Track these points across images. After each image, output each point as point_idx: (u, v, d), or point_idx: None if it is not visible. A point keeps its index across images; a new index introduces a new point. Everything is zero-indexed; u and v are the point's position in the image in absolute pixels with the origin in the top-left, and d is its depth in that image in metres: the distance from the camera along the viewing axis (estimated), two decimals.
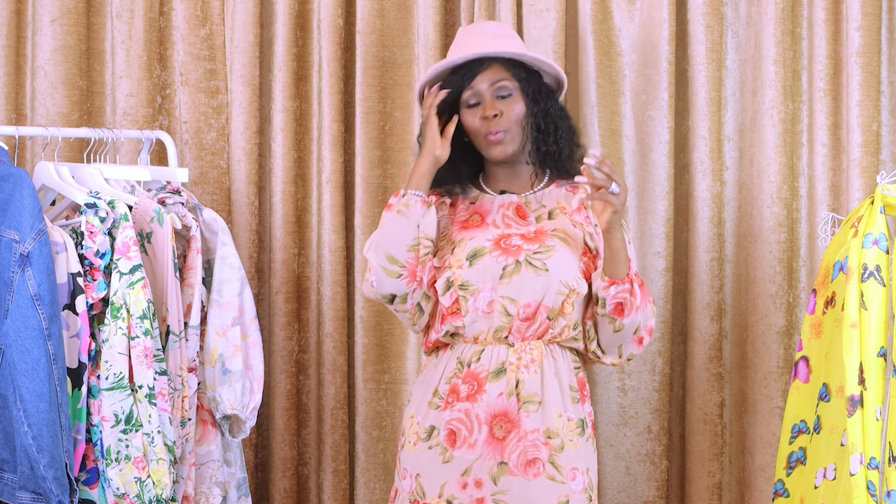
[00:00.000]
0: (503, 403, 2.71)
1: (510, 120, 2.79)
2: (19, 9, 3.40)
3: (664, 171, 3.41)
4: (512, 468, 2.69)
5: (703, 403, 3.40)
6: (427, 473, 2.75)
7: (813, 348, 2.90)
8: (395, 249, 2.73)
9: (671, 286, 3.42)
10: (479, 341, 2.75)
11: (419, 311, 2.78)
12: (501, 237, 2.77)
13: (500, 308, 2.72)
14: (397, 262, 2.73)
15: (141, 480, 2.79)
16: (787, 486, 2.93)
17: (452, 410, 2.74)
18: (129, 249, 2.84)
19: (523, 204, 2.84)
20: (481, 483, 2.70)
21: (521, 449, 2.69)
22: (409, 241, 2.73)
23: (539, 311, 2.72)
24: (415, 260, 2.73)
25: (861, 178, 3.24)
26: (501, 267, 2.73)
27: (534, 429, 2.69)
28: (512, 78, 2.80)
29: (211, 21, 3.47)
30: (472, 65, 2.81)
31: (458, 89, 2.82)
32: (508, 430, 2.70)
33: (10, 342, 2.72)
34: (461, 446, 2.72)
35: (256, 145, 3.47)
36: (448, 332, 2.78)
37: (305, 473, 3.54)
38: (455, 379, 2.75)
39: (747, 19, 3.40)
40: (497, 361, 2.73)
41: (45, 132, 3.04)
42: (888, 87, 3.33)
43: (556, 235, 2.76)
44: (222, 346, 2.98)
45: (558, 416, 2.71)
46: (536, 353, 2.73)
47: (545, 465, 2.68)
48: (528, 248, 2.74)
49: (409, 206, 2.74)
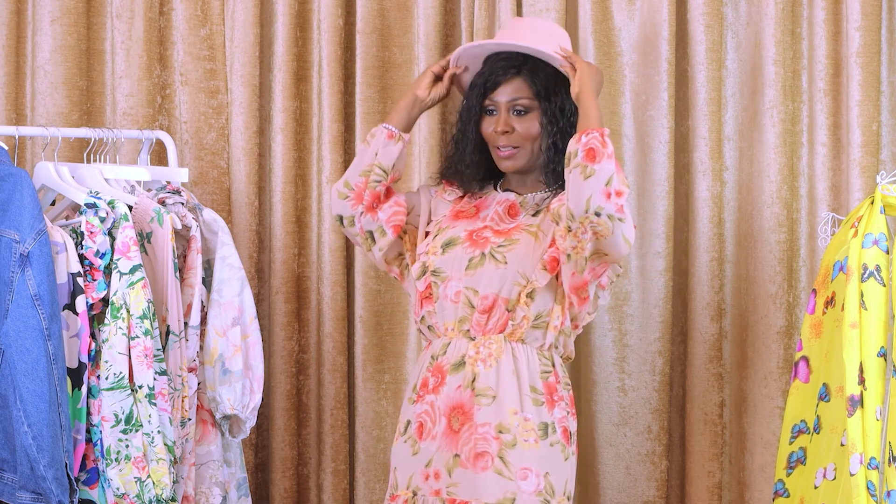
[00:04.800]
0: (460, 396, 2.73)
1: (521, 137, 2.81)
2: (19, 9, 3.40)
3: (664, 171, 3.41)
4: (463, 460, 2.71)
5: (703, 403, 3.40)
6: (401, 466, 2.80)
7: (813, 348, 2.90)
8: (351, 174, 2.89)
9: (671, 286, 3.42)
10: (447, 333, 2.79)
11: (370, 238, 2.90)
12: (477, 230, 2.81)
13: (465, 299, 2.76)
14: (348, 186, 2.88)
15: (141, 480, 2.79)
16: (788, 486, 2.93)
17: (423, 403, 2.78)
18: (129, 249, 2.84)
19: (518, 204, 2.85)
20: (439, 474, 2.73)
21: (472, 442, 2.70)
22: (363, 167, 2.87)
23: (497, 303, 2.74)
24: (363, 184, 2.86)
25: (861, 178, 3.24)
26: (468, 258, 2.77)
27: (485, 422, 2.70)
28: (533, 96, 2.80)
29: (211, 21, 3.47)
30: (497, 72, 2.82)
31: (480, 94, 2.83)
32: (463, 423, 2.72)
33: (10, 342, 2.72)
34: (426, 438, 2.76)
35: (256, 145, 3.47)
36: (425, 321, 2.82)
37: (305, 473, 3.54)
38: (426, 372, 2.80)
39: (747, 19, 3.40)
40: (458, 354, 2.76)
41: (45, 132, 3.04)
42: (888, 87, 3.33)
43: (527, 230, 2.78)
44: (222, 346, 2.98)
45: (513, 413, 2.71)
46: (495, 348, 2.74)
47: (494, 460, 2.69)
48: (495, 241, 2.78)
49: (374, 135, 2.88)
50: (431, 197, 2.95)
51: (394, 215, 2.88)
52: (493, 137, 2.83)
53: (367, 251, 2.94)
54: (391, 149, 2.86)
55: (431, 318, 2.81)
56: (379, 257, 2.92)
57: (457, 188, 2.93)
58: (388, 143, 2.85)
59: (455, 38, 3.50)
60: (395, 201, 2.89)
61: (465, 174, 2.88)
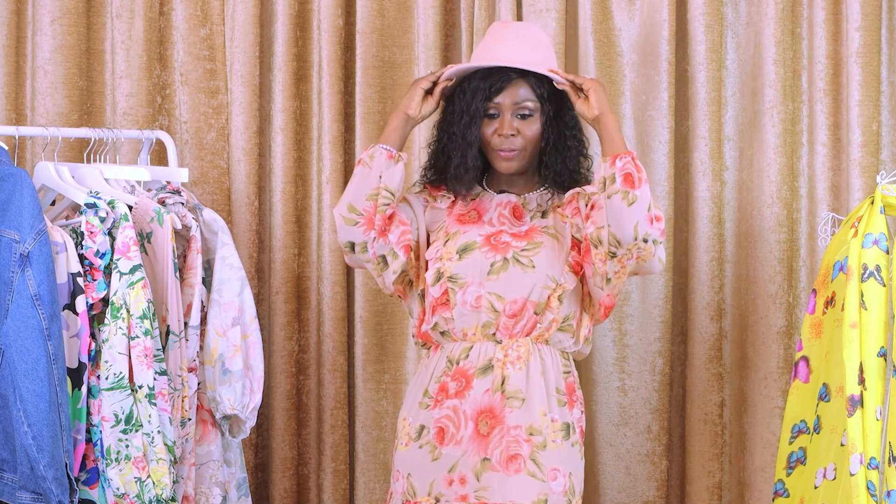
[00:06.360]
0: (489, 400, 2.72)
1: (526, 140, 2.80)
2: (19, 9, 3.40)
3: (664, 171, 3.41)
4: (494, 464, 2.69)
5: (703, 403, 3.40)
6: (417, 472, 2.77)
7: (813, 348, 2.90)
8: (356, 198, 2.80)
9: (671, 286, 3.42)
10: (468, 338, 2.77)
11: (382, 262, 2.81)
12: (493, 234, 2.80)
13: (487, 304, 2.74)
14: (356, 211, 2.79)
15: (141, 480, 2.79)
16: (787, 486, 2.93)
17: (442, 408, 2.76)
18: (129, 249, 2.84)
19: (521, 204, 2.85)
20: (465, 479, 2.71)
21: (504, 445, 2.70)
22: (369, 191, 2.79)
23: (525, 307, 2.73)
24: (372, 209, 2.78)
25: (861, 178, 3.24)
26: (489, 263, 2.76)
27: (516, 425, 2.70)
28: (536, 99, 2.80)
29: (211, 21, 3.47)
30: (500, 76, 2.80)
31: (484, 97, 2.81)
32: (492, 426, 2.71)
33: (10, 342, 2.72)
34: (448, 443, 2.74)
35: (256, 145, 3.47)
36: (438, 327, 2.79)
37: (305, 473, 3.54)
38: (444, 377, 2.77)
39: (747, 19, 3.40)
40: (485, 358, 2.75)
41: (45, 132, 3.04)
42: (888, 87, 3.33)
43: (545, 232, 2.79)
44: (222, 346, 2.98)
45: (542, 414, 2.71)
46: (523, 351, 2.74)
47: (526, 462, 2.68)
48: (517, 245, 2.77)
49: (373, 157, 2.80)
50: (424, 208, 2.91)
51: (402, 235, 2.82)
52: (497, 140, 2.81)
53: (378, 276, 2.85)
54: (394, 170, 2.80)
55: (447, 325, 2.78)
56: (391, 281, 2.84)
57: (446, 193, 2.90)
58: (389, 163, 2.80)
59: (455, 38, 3.50)
60: (399, 221, 2.83)
61: (465, 179, 2.84)
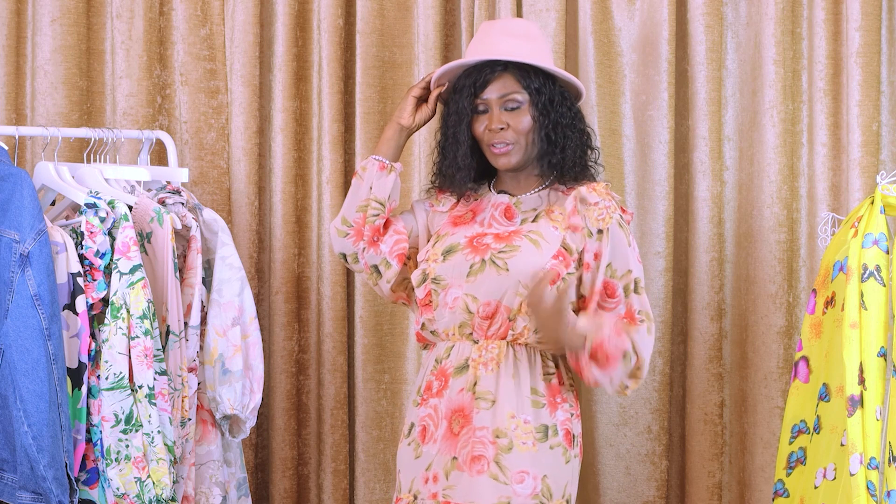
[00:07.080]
0: (461, 399, 2.72)
1: (516, 132, 2.78)
2: (19, 9, 3.40)
3: (664, 171, 3.41)
4: (460, 463, 2.69)
5: (703, 403, 3.40)
6: (405, 469, 2.79)
7: (813, 348, 2.90)
8: (348, 211, 2.88)
9: (671, 286, 3.42)
10: (451, 338, 2.78)
11: (375, 272, 2.88)
12: (477, 236, 2.79)
13: (463, 305, 2.74)
14: (347, 223, 2.88)
15: (141, 480, 2.79)
16: (787, 486, 2.93)
17: (426, 406, 2.77)
18: (129, 249, 2.84)
19: (513, 205, 2.83)
20: (437, 478, 2.72)
21: (470, 446, 2.69)
22: (359, 203, 2.86)
23: (499, 310, 2.72)
24: (362, 220, 2.86)
25: (861, 178, 3.24)
26: (469, 265, 2.75)
27: (482, 426, 2.69)
28: (522, 90, 2.77)
29: (211, 21, 3.47)
30: (484, 72, 2.78)
31: (470, 94, 2.79)
32: (462, 426, 2.71)
33: (10, 342, 2.72)
34: (428, 441, 2.75)
35: (256, 145, 3.47)
36: (426, 327, 2.80)
37: (305, 473, 3.54)
38: (430, 376, 2.79)
39: (747, 19, 3.41)
40: (462, 357, 2.75)
41: (45, 132, 3.04)
42: (888, 87, 3.33)
43: (527, 236, 2.75)
44: (222, 346, 2.98)
45: (510, 416, 2.69)
46: (496, 352, 2.73)
47: (490, 464, 2.67)
48: (496, 246, 2.75)
49: (366, 169, 2.87)
50: (427, 214, 2.91)
51: (395, 245, 2.85)
52: (488, 136, 2.79)
53: (374, 285, 2.91)
54: (385, 180, 2.84)
55: (432, 325, 2.80)
56: (386, 289, 2.89)
57: (450, 195, 2.90)
58: (380, 174, 2.84)
59: (455, 38, 3.50)
60: (394, 230, 2.86)
61: (456, 178, 2.84)
